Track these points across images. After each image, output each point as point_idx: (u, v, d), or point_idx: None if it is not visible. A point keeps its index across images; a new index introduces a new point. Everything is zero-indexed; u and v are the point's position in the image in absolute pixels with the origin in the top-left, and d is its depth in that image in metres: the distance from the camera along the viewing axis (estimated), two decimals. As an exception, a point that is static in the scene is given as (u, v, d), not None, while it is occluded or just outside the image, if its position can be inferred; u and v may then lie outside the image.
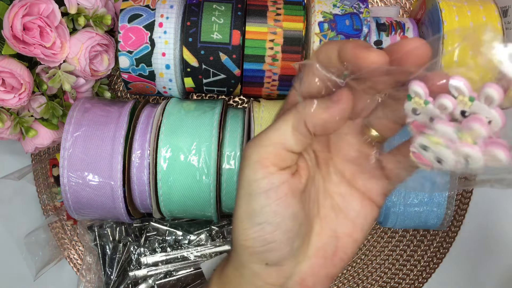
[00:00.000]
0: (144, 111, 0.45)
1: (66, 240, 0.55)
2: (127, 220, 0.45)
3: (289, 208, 0.27)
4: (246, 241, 0.28)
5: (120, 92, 0.55)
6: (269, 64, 0.43)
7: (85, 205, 0.43)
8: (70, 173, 0.42)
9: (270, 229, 0.27)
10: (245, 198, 0.28)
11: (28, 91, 0.43)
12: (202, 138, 0.42)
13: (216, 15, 0.43)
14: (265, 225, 0.27)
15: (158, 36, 0.43)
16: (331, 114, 0.26)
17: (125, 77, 0.45)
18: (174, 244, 0.50)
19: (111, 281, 0.49)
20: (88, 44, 0.44)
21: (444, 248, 0.55)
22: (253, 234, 0.28)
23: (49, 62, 0.43)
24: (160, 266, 0.49)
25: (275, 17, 0.43)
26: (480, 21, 0.43)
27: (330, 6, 0.44)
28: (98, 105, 0.45)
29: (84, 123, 0.43)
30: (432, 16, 0.45)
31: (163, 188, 0.42)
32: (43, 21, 0.41)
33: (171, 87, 0.45)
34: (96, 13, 0.45)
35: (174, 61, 0.43)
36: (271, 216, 0.27)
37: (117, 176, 0.42)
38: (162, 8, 0.43)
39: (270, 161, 0.27)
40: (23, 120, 0.46)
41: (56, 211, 0.54)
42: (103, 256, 0.50)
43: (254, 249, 0.28)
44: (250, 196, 0.28)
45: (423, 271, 0.55)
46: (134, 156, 0.43)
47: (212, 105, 0.45)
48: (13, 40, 0.41)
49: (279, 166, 0.27)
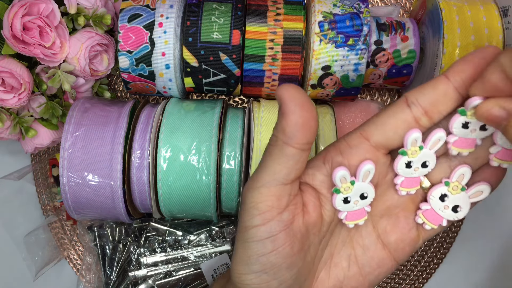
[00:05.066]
0: (144, 111, 0.45)
1: (65, 240, 0.55)
2: (126, 220, 0.45)
3: (287, 259, 0.26)
4: (242, 285, 0.27)
5: (120, 92, 0.55)
6: (269, 64, 0.43)
7: (84, 205, 0.43)
8: (70, 173, 0.42)
9: (266, 278, 0.26)
10: (242, 243, 0.27)
11: (28, 91, 0.43)
12: (202, 138, 0.42)
13: (216, 15, 0.43)
14: (261, 274, 0.26)
15: (158, 36, 0.43)
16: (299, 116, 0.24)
17: (125, 77, 0.45)
18: (174, 244, 0.50)
19: (111, 281, 0.49)
20: (88, 44, 0.44)
21: (444, 248, 0.55)
22: (249, 281, 0.27)
23: (49, 62, 0.43)
24: (160, 266, 0.49)
25: (275, 17, 0.43)
26: (480, 21, 0.43)
27: (330, 6, 0.44)
28: (97, 105, 0.45)
29: (83, 123, 0.43)
30: (432, 16, 0.45)
31: (163, 188, 0.42)
32: (42, 21, 0.41)
33: (171, 87, 0.45)
34: (95, 13, 0.45)
35: (174, 61, 0.43)
36: (268, 266, 0.26)
37: (117, 176, 0.42)
38: (162, 8, 0.43)
39: (266, 205, 0.25)
40: (22, 120, 0.46)
41: (55, 211, 0.54)
42: (103, 256, 0.50)
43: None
44: (246, 243, 0.26)
45: (423, 272, 0.55)
46: (134, 156, 0.43)
47: (212, 105, 0.45)
48: (12, 40, 0.41)
49: (278, 207, 0.26)
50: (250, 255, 0.26)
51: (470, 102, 0.24)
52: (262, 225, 0.25)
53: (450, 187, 0.28)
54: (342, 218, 0.28)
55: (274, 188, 0.25)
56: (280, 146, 0.25)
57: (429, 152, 0.27)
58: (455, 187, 0.28)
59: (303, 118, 0.24)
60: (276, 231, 0.26)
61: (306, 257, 0.27)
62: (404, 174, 0.28)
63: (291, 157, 0.25)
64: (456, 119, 0.25)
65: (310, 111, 0.24)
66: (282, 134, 0.25)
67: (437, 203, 0.28)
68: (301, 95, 0.24)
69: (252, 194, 0.26)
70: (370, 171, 0.27)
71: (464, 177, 0.27)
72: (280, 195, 0.26)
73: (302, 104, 0.24)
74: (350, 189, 0.27)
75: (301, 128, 0.24)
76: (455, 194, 0.28)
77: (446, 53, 0.42)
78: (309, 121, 0.24)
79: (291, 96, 0.24)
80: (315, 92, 0.46)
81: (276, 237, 0.26)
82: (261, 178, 0.26)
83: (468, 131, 0.26)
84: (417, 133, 0.26)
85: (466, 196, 0.28)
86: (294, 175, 0.26)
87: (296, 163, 0.25)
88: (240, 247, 0.27)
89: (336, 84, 0.45)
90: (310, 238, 0.28)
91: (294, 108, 0.24)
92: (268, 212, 0.25)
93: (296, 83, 0.45)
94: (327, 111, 0.46)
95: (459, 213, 0.29)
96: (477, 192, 0.28)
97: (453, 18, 0.43)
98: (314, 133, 0.25)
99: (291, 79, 0.44)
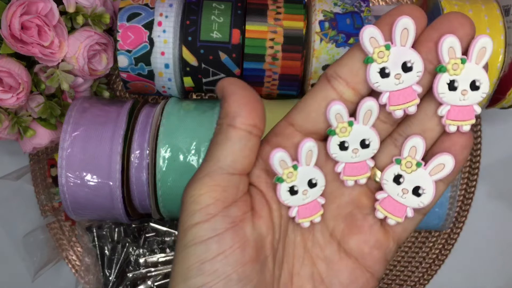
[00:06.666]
0: (143, 110, 0.45)
1: (64, 241, 0.55)
2: (126, 220, 0.45)
3: (237, 267, 0.21)
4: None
5: (119, 92, 0.55)
6: (269, 63, 0.43)
7: (83, 206, 0.43)
8: (68, 173, 0.41)
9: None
10: (181, 254, 0.21)
11: (26, 91, 0.43)
12: (202, 138, 0.42)
13: (215, 13, 0.43)
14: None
15: (157, 35, 0.42)
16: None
17: (124, 76, 0.44)
18: (173, 245, 0.50)
19: (110, 282, 0.49)
20: (87, 43, 0.44)
21: (446, 250, 0.55)
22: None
23: (47, 61, 0.43)
24: (159, 267, 0.49)
25: (275, 16, 0.43)
26: (482, 20, 0.42)
27: (331, 4, 0.44)
28: (96, 104, 0.45)
29: (82, 123, 0.42)
30: (433, 15, 0.44)
31: (162, 189, 0.42)
32: (41, 20, 0.41)
33: (170, 86, 0.45)
34: (94, 12, 0.44)
35: (173, 60, 0.43)
36: (213, 277, 0.21)
37: (116, 177, 0.41)
38: (161, 7, 0.43)
39: (210, 196, 0.21)
40: (21, 120, 0.46)
41: (54, 212, 0.54)
42: (102, 257, 0.50)
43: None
44: (186, 249, 0.21)
45: (424, 273, 0.55)
46: (133, 156, 0.43)
47: (211, 104, 0.45)
48: (11, 39, 0.40)
49: (223, 200, 0.21)
50: (190, 264, 0.21)
51: (441, 46, 0.21)
52: (204, 221, 0.21)
53: (402, 164, 0.24)
54: (294, 215, 0.24)
55: (219, 177, 0.22)
56: (225, 130, 0.22)
57: (364, 128, 0.23)
58: (408, 163, 0.23)
59: (245, 97, 0.22)
60: (222, 228, 0.21)
61: (263, 273, 0.22)
62: (342, 159, 0.24)
63: (237, 141, 0.22)
64: (438, 81, 0.22)
65: (252, 92, 0.23)
66: (225, 117, 0.22)
67: (393, 187, 0.24)
68: (241, 82, 0.23)
69: (193, 186, 0.22)
70: (312, 150, 0.23)
71: (417, 150, 0.23)
72: (226, 186, 0.22)
73: (243, 87, 0.23)
74: (294, 176, 0.23)
75: (244, 106, 0.22)
76: (410, 172, 0.24)
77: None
78: (252, 101, 0.22)
79: (230, 82, 0.23)
80: (315, 91, 0.46)
81: (222, 236, 0.21)
82: (204, 169, 0.22)
83: (459, 93, 0.22)
84: (338, 105, 0.23)
85: (425, 173, 0.23)
86: (241, 164, 0.22)
87: (243, 149, 0.22)
88: (178, 260, 0.21)
89: (337, 84, 0.44)
90: (265, 248, 0.23)
91: (235, 89, 0.22)
92: (212, 206, 0.21)
93: (297, 83, 0.45)
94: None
95: (422, 197, 0.24)
96: (438, 166, 0.23)
97: (455, 17, 0.42)
98: (260, 116, 0.22)
99: (291, 78, 0.44)
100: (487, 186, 0.55)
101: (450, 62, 0.22)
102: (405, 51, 0.22)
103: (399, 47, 0.22)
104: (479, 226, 0.55)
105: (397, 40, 0.22)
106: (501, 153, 0.55)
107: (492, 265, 0.56)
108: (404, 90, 0.23)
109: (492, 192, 0.55)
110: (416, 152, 0.23)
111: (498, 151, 0.55)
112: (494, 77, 0.42)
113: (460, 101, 0.22)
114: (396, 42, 0.22)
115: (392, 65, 0.22)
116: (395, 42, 0.22)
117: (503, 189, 0.55)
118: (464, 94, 0.22)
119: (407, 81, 0.22)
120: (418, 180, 0.24)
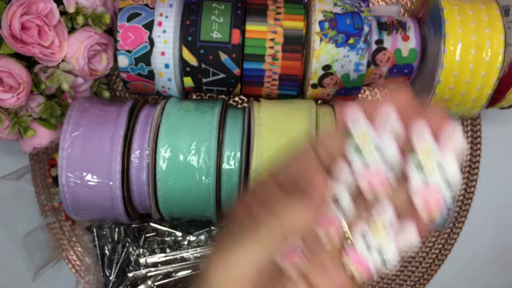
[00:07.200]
0: (143, 110, 0.45)
1: (64, 241, 0.55)
2: (126, 220, 0.45)
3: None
4: None
5: (119, 92, 0.55)
6: (269, 63, 0.43)
7: (83, 206, 0.43)
8: (69, 173, 0.41)
9: None
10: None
11: (26, 91, 0.43)
12: (202, 138, 0.42)
13: (215, 14, 0.43)
14: None
15: (157, 35, 0.42)
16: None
17: (124, 76, 0.44)
18: (173, 245, 0.50)
19: (110, 282, 0.49)
20: (87, 43, 0.44)
21: (446, 250, 0.55)
22: None
23: (48, 62, 0.43)
24: (159, 267, 0.49)
25: (275, 16, 0.43)
26: (481, 20, 0.42)
27: (331, 5, 0.44)
28: (96, 104, 0.45)
29: (82, 123, 0.42)
30: (433, 15, 0.44)
31: (162, 189, 0.42)
32: (41, 20, 0.41)
33: (171, 86, 0.45)
34: (94, 12, 0.44)
35: (174, 60, 0.43)
36: None
37: (116, 177, 0.41)
38: (161, 7, 0.43)
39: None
40: (21, 120, 0.46)
41: (54, 212, 0.54)
42: (102, 257, 0.50)
43: None
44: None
45: (424, 273, 0.55)
46: (133, 156, 0.43)
47: (211, 104, 0.45)
48: (11, 39, 0.40)
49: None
50: None
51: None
52: None
53: (369, 222, 0.24)
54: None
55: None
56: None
57: (337, 186, 0.23)
58: (373, 223, 0.24)
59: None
60: None
61: None
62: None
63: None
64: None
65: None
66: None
67: (360, 242, 0.24)
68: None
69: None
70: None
71: (384, 211, 0.23)
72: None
73: None
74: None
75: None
76: (374, 232, 0.24)
77: (447, 53, 0.42)
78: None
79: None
80: (315, 91, 0.46)
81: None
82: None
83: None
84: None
85: (388, 237, 0.23)
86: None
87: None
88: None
89: (337, 84, 0.44)
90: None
91: None
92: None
93: (297, 83, 0.45)
94: (327, 111, 0.45)
95: (385, 259, 0.24)
96: (401, 231, 0.23)
97: (455, 17, 0.42)
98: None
99: (291, 78, 0.44)
100: (487, 186, 0.55)
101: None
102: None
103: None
104: (479, 226, 0.55)
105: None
106: (501, 153, 0.55)
107: (492, 265, 0.56)
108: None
109: (492, 192, 0.55)
110: (384, 213, 0.24)
111: (498, 151, 0.55)
112: (494, 77, 0.42)
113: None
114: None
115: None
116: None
117: (503, 189, 0.55)
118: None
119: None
120: (382, 242, 0.24)
